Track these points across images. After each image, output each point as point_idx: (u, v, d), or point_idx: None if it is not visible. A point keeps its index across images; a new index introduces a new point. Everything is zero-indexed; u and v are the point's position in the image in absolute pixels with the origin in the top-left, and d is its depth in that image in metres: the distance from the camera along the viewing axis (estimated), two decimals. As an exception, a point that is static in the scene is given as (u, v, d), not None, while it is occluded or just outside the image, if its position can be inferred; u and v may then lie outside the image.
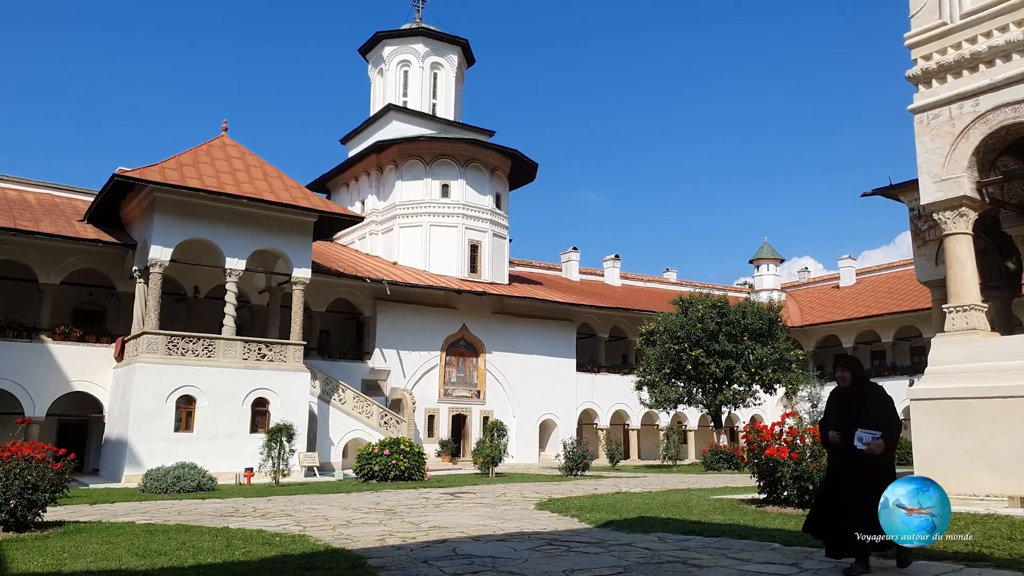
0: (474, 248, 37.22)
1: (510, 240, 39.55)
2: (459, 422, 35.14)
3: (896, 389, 39.68)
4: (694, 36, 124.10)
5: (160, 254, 24.40)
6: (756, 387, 32.23)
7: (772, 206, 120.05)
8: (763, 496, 13.27)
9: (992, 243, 17.88)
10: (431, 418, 34.19)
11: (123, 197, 26.37)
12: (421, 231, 36.69)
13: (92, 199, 28.02)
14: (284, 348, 26.25)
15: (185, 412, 23.99)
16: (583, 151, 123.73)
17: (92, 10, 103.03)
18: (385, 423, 29.12)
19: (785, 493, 12.51)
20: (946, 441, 13.32)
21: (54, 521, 11.37)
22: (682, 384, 32.51)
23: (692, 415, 41.28)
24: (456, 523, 11.58)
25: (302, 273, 26.97)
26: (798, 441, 12.58)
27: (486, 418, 34.87)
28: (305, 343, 27.08)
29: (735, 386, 31.86)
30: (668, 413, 38.16)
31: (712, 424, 34.64)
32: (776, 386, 32.65)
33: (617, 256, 49.47)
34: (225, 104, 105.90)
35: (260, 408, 25.24)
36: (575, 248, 47.87)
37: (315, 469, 25.29)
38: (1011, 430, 12.60)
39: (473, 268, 36.95)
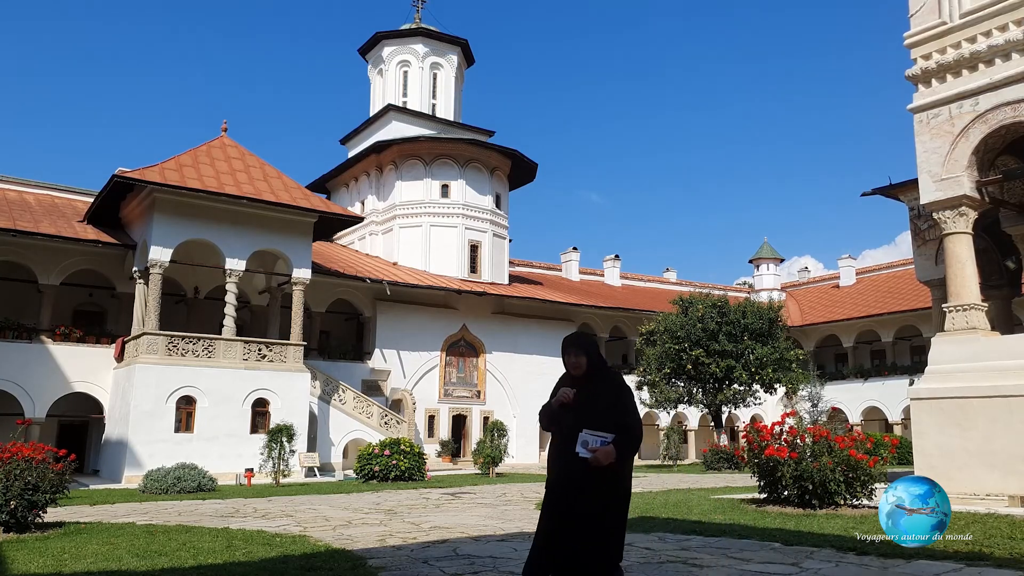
0: (474, 248, 37.22)
1: (510, 240, 39.56)
2: (459, 422, 35.13)
3: (896, 388, 40.15)
4: (694, 36, 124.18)
5: (160, 255, 24.40)
6: (756, 387, 32.23)
7: (772, 206, 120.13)
8: (763, 496, 13.27)
9: (992, 242, 17.90)
10: (431, 418, 34.19)
11: (123, 198, 26.36)
12: (421, 231, 36.69)
13: (92, 200, 28.02)
14: (284, 348, 26.25)
15: (185, 413, 23.99)
16: (583, 151, 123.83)
17: (92, 10, 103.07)
18: (385, 423, 29.11)
19: (785, 493, 12.50)
20: (946, 440, 13.33)
21: (55, 522, 11.36)
22: (682, 384, 32.51)
23: (692, 415, 41.28)
24: (457, 523, 11.57)
25: (302, 273, 26.97)
26: (798, 441, 12.57)
27: (486, 418, 34.88)
28: (305, 343, 27.08)
29: (735, 386, 31.86)
30: (668, 413, 38.16)
31: (712, 424, 34.64)
32: (776, 386, 32.65)
33: (617, 256, 49.49)
34: (225, 105, 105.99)
35: (260, 409, 25.23)
36: (575, 248, 47.92)
37: (315, 470, 25.28)
38: (1011, 429, 12.61)
39: (473, 268, 36.94)
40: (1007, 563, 7.22)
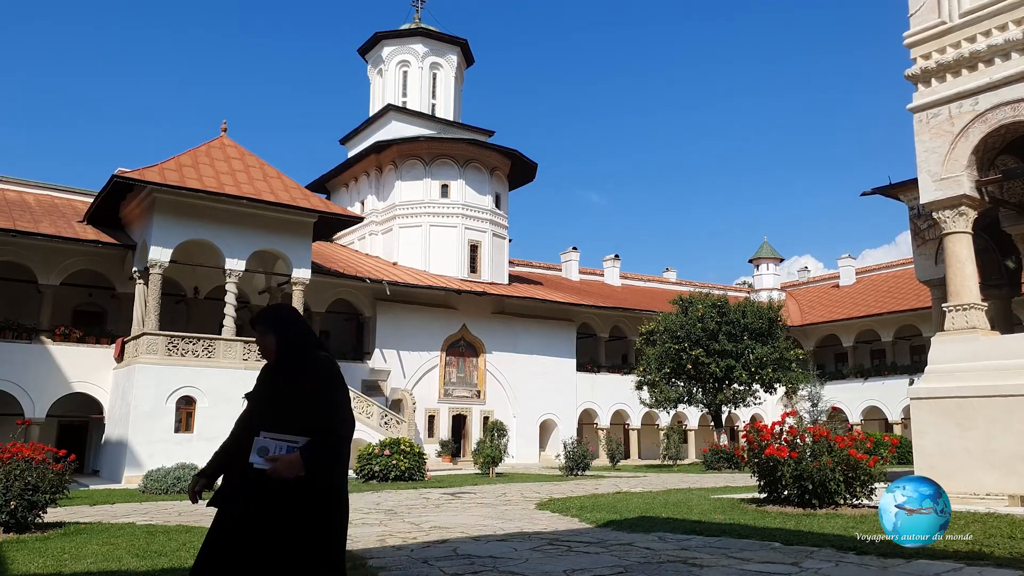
0: (474, 248, 37.22)
1: (510, 240, 39.56)
2: (459, 422, 35.12)
3: (896, 388, 40.19)
4: (694, 35, 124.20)
5: (160, 255, 24.41)
6: (756, 386, 32.23)
7: (772, 206, 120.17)
8: (763, 495, 13.26)
9: (992, 242, 17.90)
10: (431, 418, 34.18)
11: (123, 198, 26.37)
12: (421, 231, 36.69)
13: (92, 200, 28.02)
14: (284, 349, 26.20)
15: (185, 413, 24.00)
16: (583, 151, 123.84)
17: (91, 10, 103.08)
18: (385, 423, 29.10)
19: (785, 492, 12.50)
20: (946, 440, 13.33)
21: (55, 522, 11.35)
22: (682, 384, 32.50)
23: (692, 415, 41.28)
24: (457, 523, 11.57)
25: (302, 273, 26.97)
26: (798, 440, 12.57)
27: (486, 418, 34.89)
28: (305, 344, 27.02)
29: (735, 385, 31.85)
30: (668, 413, 38.16)
31: (712, 424, 34.63)
32: (776, 385, 32.64)
33: (617, 256, 49.48)
34: (225, 104, 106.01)
35: (260, 409, 25.20)
36: (575, 248, 47.90)
37: (315, 469, 25.24)
38: (1011, 429, 12.60)
39: (473, 268, 36.94)
40: (1007, 563, 7.21)
